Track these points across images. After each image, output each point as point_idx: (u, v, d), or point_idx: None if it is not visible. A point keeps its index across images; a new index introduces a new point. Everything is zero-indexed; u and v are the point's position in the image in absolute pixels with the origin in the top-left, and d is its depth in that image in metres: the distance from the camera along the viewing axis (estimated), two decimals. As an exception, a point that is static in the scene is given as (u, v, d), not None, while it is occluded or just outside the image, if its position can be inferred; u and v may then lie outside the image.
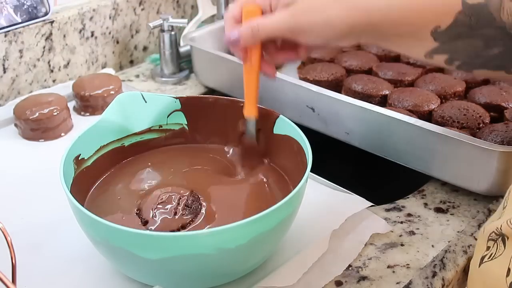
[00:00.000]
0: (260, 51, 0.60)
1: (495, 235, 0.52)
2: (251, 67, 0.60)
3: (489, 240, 0.52)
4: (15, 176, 0.74)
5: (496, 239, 0.51)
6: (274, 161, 0.66)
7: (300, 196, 0.55)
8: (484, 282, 0.51)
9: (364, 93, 0.82)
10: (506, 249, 0.49)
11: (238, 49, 0.60)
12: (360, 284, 0.58)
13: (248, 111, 0.62)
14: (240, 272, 0.56)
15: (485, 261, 0.51)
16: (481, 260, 0.52)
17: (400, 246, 0.63)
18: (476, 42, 0.55)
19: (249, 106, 0.62)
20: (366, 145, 0.76)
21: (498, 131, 0.72)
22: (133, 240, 0.49)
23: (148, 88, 0.98)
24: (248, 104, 0.62)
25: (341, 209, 0.64)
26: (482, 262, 0.51)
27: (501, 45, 0.54)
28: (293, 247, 0.60)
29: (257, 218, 0.49)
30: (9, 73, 0.89)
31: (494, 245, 0.51)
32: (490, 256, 0.51)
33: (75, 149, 0.60)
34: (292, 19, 0.56)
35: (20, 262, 0.48)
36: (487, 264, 0.51)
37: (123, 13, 1.02)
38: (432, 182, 0.72)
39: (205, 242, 0.49)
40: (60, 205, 0.58)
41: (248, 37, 0.57)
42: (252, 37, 0.57)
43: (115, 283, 0.57)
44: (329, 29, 0.56)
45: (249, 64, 0.60)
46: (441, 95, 0.81)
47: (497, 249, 0.50)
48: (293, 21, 0.56)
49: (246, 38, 0.57)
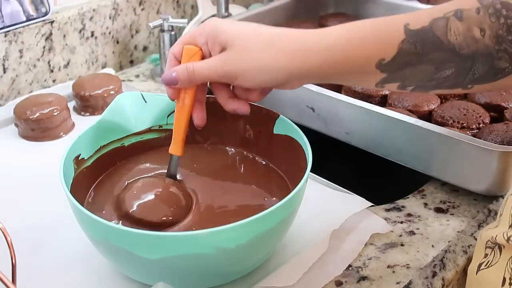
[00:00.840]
0: (194, 93, 0.59)
1: (491, 243, 0.52)
2: (183, 107, 0.59)
3: (487, 247, 0.52)
4: (15, 176, 0.73)
5: (493, 247, 0.51)
6: (274, 161, 0.66)
7: (300, 196, 0.55)
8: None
9: (364, 93, 0.82)
10: (501, 257, 0.50)
11: (173, 88, 0.59)
12: (360, 284, 0.58)
13: (173, 150, 0.61)
14: (240, 272, 0.56)
15: (482, 268, 0.51)
16: (478, 267, 0.52)
17: (400, 246, 0.63)
18: (426, 67, 0.52)
19: (175, 145, 0.60)
20: (366, 145, 0.76)
21: (498, 131, 0.72)
22: (133, 240, 0.49)
23: (148, 88, 0.98)
24: (174, 142, 0.60)
25: (341, 209, 0.64)
26: (479, 270, 0.51)
27: (452, 67, 0.52)
28: (293, 247, 0.60)
29: (257, 218, 0.49)
30: (9, 73, 0.89)
31: (492, 252, 0.51)
32: (487, 263, 0.51)
33: (75, 149, 0.60)
34: (225, 65, 0.54)
35: (20, 262, 0.48)
36: (483, 272, 0.51)
37: (123, 13, 1.02)
38: (432, 182, 0.72)
39: (205, 242, 0.49)
40: (60, 205, 0.58)
41: (184, 79, 0.56)
42: (188, 80, 0.56)
43: (115, 283, 0.57)
44: (263, 75, 0.54)
45: (181, 105, 0.59)
46: (441, 95, 0.81)
47: (493, 257, 0.50)
48: (226, 67, 0.54)
49: (182, 80, 0.56)
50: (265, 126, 0.65)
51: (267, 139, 0.65)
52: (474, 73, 0.52)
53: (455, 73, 0.52)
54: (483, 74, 0.52)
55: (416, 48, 0.51)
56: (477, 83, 0.53)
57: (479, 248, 0.53)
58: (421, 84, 0.54)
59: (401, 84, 0.54)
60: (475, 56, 0.51)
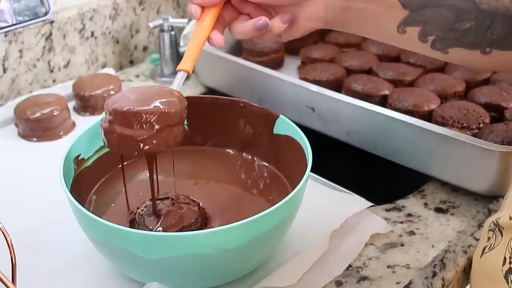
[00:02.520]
0: (216, 14, 0.58)
1: (493, 225, 0.52)
2: (203, 26, 0.58)
3: (489, 230, 0.52)
4: (15, 176, 0.73)
5: (494, 229, 0.51)
6: (274, 161, 0.66)
7: (300, 196, 0.55)
8: (483, 273, 0.51)
9: (364, 93, 0.82)
10: (502, 238, 0.50)
11: (196, 3, 0.58)
12: (360, 284, 0.58)
13: (182, 65, 0.57)
14: (240, 272, 0.56)
15: (485, 252, 0.51)
16: (482, 251, 0.52)
17: (400, 246, 0.63)
18: (446, 12, 0.54)
19: (186, 61, 0.57)
20: (366, 145, 0.76)
21: (498, 131, 0.72)
22: (133, 240, 0.49)
23: (148, 88, 0.98)
24: (185, 58, 0.58)
25: (341, 209, 0.64)
26: (483, 253, 0.51)
27: (472, 19, 0.53)
28: (293, 247, 0.60)
29: (257, 218, 0.49)
30: (9, 73, 0.89)
31: (493, 235, 0.51)
32: (490, 246, 0.51)
33: (75, 149, 0.60)
34: None
35: (20, 262, 0.48)
36: (486, 255, 0.51)
37: (123, 13, 1.02)
38: (432, 182, 0.72)
39: (205, 242, 0.49)
40: (60, 205, 0.58)
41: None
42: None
43: (115, 283, 0.57)
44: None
45: (201, 24, 0.58)
46: (441, 95, 0.81)
47: (495, 240, 0.50)
48: None
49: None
50: (265, 126, 0.65)
51: (267, 139, 0.65)
52: (492, 33, 0.53)
53: (474, 27, 0.53)
54: (502, 36, 0.53)
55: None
56: (495, 46, 0.54)
57: (483, 234, 0.54)
58: (441, 35, 0.55)
59: (422, 31, 0.55)
60: (495, 15, 0.52)
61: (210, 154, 0.68)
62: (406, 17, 0.55)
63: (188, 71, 0.57)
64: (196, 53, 0.58)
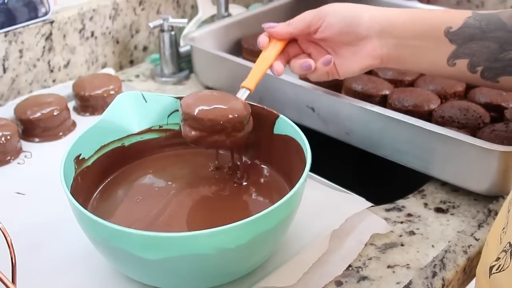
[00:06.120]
0: (281, 47, 0.67)
1: (509, 246, 0.51)
2: (268, 57, 0.67)
3: (502, 251, 0.52)
4: (15, 176, 0.73)
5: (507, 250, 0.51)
6: (274, 161, 0.66)
7: (299, 195, 0.55)
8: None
9: (364, 93, 0.82)
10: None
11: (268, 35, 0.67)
12: (360, 284, 0.58)
13: (246, 83, 0.65)
14: (240, 272, 0.56)
15: (493, 272, 0.51)
16: (489, 270, 0.52)
17: (400, 246, 0.63)
18: (490, 44, 0.58)
19: (250, 80, 0.66)
20: (366, 145, 0.76)
21: (498, 131, 0.72)
22: (133, 240, 0.49)
23: (148, 88, 0.98)
24: (250, 78, 0.66)
25: (341, 209, 0.64)
26: (491, 273, 0.51)
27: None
28: (293, 247, 0.60)
29: (257, 218, 0.49)
30: (9, 73, 0.89)
31: (505, 257, 0.51)
32: (498, 267, 0.51)
33: (76, 149, 0.60)
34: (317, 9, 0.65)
35: (20, 262, 0.48)
36: (495, 276, 0.50)
37: (123, 13, 1.02)
38: (432, 182, 0.72)
39: (205, 242, 0.49)
40: (60, 205, 0.59)
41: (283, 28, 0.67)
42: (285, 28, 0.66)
43: (115, 283, 0.57)
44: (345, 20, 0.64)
45: (267, 54, 0.67)
46: (441, 95, 0.81)
47: (505, 261, 0.50)
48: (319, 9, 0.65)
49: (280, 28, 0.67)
50: (265, 126, 0.65)
51: (267, 139, 0.65)
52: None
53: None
54: None
55: (481, 24, 0.58)
56: None
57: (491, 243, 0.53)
58: (488, 65, 0.60)
59: (470, 62, 0.60)
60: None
61: (210, 154, 0.68)
62: (454, 51, 0.60)
63: (251, 89, 0.65)
64: (259, 77, 0.66)
